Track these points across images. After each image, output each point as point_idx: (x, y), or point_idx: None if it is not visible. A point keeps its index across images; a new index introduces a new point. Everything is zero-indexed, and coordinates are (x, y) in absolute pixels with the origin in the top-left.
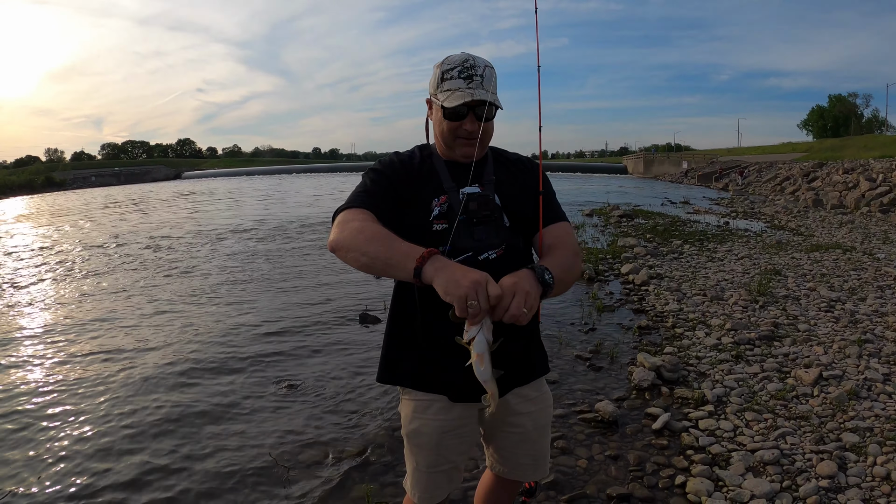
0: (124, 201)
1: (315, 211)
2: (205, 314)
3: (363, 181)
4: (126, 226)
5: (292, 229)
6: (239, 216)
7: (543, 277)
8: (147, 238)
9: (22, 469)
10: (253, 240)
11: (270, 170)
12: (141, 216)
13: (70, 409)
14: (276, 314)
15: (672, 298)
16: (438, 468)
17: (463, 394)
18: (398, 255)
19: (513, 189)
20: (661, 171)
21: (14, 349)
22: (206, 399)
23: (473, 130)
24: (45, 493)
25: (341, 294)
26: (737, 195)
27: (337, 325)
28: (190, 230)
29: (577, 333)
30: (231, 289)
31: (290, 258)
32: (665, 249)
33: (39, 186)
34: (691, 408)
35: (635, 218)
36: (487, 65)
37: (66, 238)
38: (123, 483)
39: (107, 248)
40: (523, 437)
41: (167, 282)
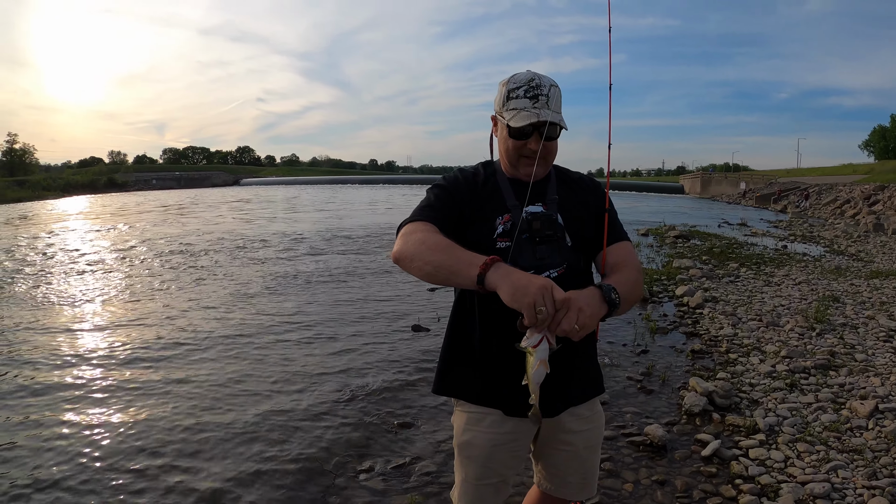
0: (184, 204)
1: (371, 222)
2: (258, 318)
3: (427, 196)
4: (184, 228)
5: (348, 239)
6: (296, 224)
7: (610, 296)
8: (204, 241)
9: (74, 469)
10: (309, 248)
11: (327, 179)
12: (199, 220)
13: (129, 410)
14: (327, 321)
15: (727, 322)
16: (487, 481)
17: (517, 408)
18: (461, 263)
19: (575, 208)
20: (719, 191)
21: (61, 346)
22: (254, 402)
23: (537, 150)
24: (97, 487)
25: (393, 304)
26: (795, 218)
27: (388, 335)
28: (247, 236)
29: (630, 355)
30: (285, 295)
31: (344, 267)
32: (721, 272)
33: (102, 187)
34: (742, 436)
35: (691, 239)
36: (553, 84)
37: (125, 237)
38: (169, 484)
39: (164, 250)
40: (573, 456)
41: (222, 285)
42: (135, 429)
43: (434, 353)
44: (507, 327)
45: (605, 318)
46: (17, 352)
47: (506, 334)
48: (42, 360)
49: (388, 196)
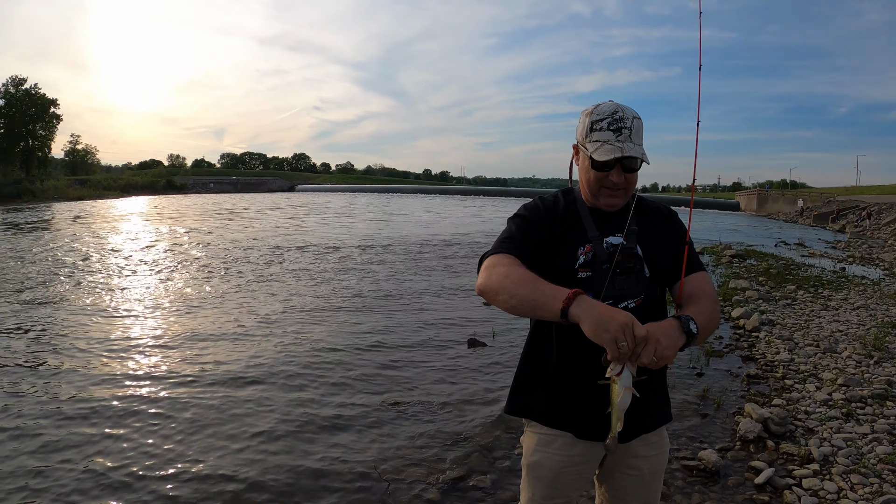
0: (240, 208)
1: (427, 232)
2: (316, 327)
3: (508, 227)
4: (240, 232)
5: (403, 249)
6: (351, 232)
7: (688, 327)
8: (260, 246)
9: (136, 466)
10: (364, 257)
11: (382, 188)
12: (255, 224)
13: (182, 412)
14: (383, 332)
15: (783, 347)
16: (552, 501)
17: (588, 432)
18: (545, 296)
19: (653, 239)
20: (775, 208)
21: (120, 348)
22: (313, 411)
23: (619, 182)
24: (162, 487)
25: (449, 317)
26: (854, 238)
27: (445, 348)
28: (302, 242)
29: (685, 377)
30: (340, 304)
31: (399, 278)
32: (778, 294)
33: (161, 188)
34: (796, 465)
35: (748, 259)
36: (635, 116)
37: (184, 238)
38: (225, 487)
39: (221, 253)
40: (638, 480)
41: (278, 292)
42: (209, 426)
43: (490, 369)
44: (584, 352)
45: (683, 348)
46: (75, 339)
47: (581, 359)
48: (97, 349)
49: (443, 206)
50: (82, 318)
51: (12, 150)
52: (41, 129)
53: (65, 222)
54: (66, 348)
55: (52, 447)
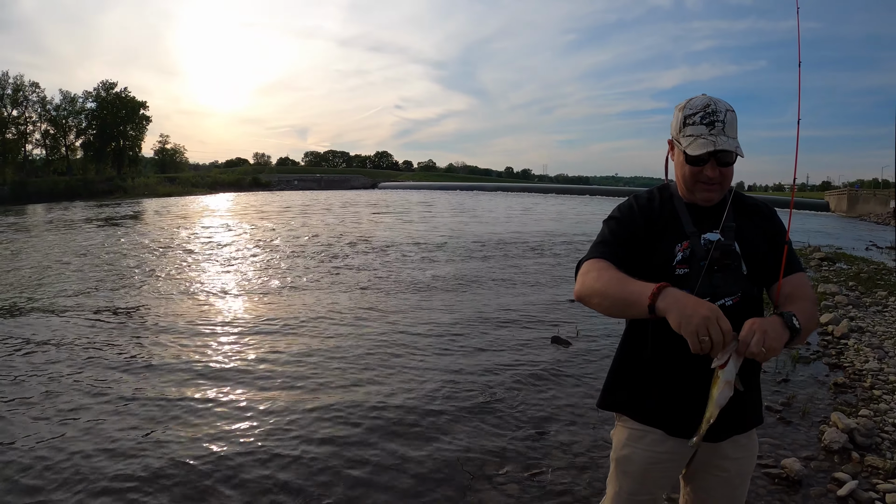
0: (324, 205)
1: (513, 229)
2: (401, 322)
3: (602, 230)
4: (325, 227)
5: (487, 247)
6: (435, 229)
7: (791, 322)
8: (344, 241)
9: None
10: (450, 253)
11: (464, 185)
12: (339, 220)
13: (265, 404)
14: (467, 327)
15: (872, 356)
16: (639, 497)
17: (679, 429)
18: (634, 294)
19: (752, 237)
20: (867, 209)
21: (196, 335)
22: (398, 402)
23: (714, 176)
24: (237, 475)
25: (533, 314)
26: None
27: (528, 345)
28: (388, 238)
29: (770, 383)
30: (426, 298)
31: (485, 275)
32: (868, 300)
33: (246, 185)
34: (881, 479)
35: (837, 262)
36: (728, 109)
37: (273, 234)
38: (309, 476)
39: (304, 247)
40: (725, 482)
41: (363, 285)
42: (284, 416)
43: (573, 367)
44: (678, 348)
45: (787, 344)
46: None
47: (676, 355)
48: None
49: (526, 204)
50: (176, 302)
51: (104, 150)
52: (131, 130)
53: (154, 216)
54: (165, 330)
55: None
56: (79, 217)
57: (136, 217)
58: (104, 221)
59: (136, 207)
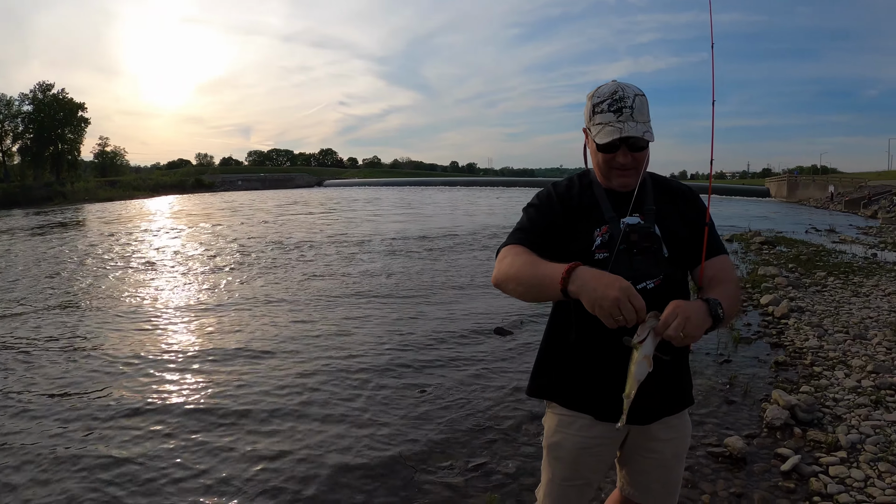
0: (267, 205)
1: (454, 224)
2: (343, 318)
3: (521, 218)
4: (268, 227)
5: (431, 242)
6: (380, 226)
7: (716, 311)
8: (287, 240)
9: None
10: (391, 249)
11: (409, 181)
12: (283, 219)
13: (212, 402)
14: (412, 322)
15: (812, 334)
16: (572, 482)
17: (607, 413)
18: (546, 277)
19: (673, 220)
20: (806, 195)
21: (152, 336)
22: (339, 400)
23: (627, 162)
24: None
25: (477, 307)
26: (886, 224)
27: (472, 337)
28: (332, 236)
29: (712, 364)
30: (370, 296)
31: (427, 270)
32: (808, 281)
33: (189, 187)
34: (823, 452)
35: (777, 245)
36: (638, 93)
37: (212, 236)
38: (248, 473)
39: (249, 249)
40: (659, 464)
41: (308, 285)
42: (235, 412)
43: (516, 357)
44: (602, 333)
45: (708, 331)
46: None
47: (601, 340)
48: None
49: (470, 198)
50: (117, 304)
51: (42, 155)
52: (70, 133)
53: (94, 223)
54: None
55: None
56: (17, 225)
57: (72, 225)
58: (41, 228)
59: (75, 214)
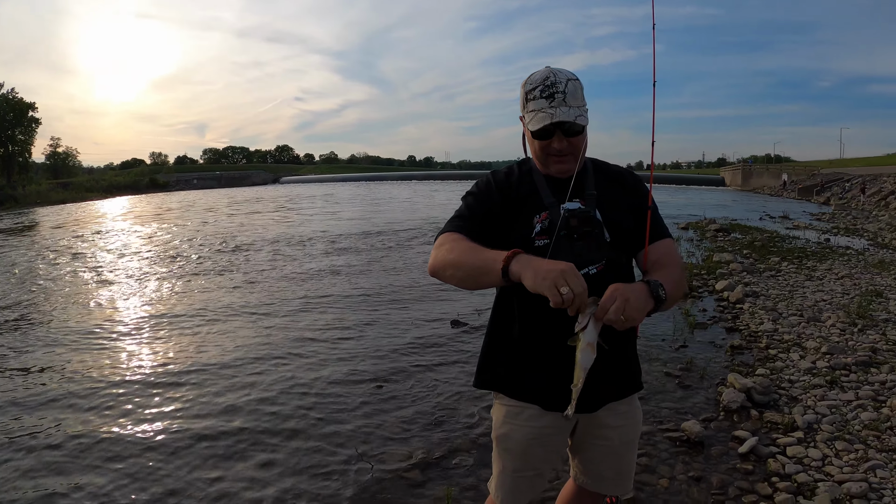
0: (224, 203)
1: (411, 217)
2: (300, 314)
3: (460, 205)
4: (224, 226)
5: (390, 235)
6: (338, 221)
7: (657, 293)
8: (244, 239)
9: (116, 462)
10: (349, 245)
11: (366, 176)
12: (239, 218)
13: (165, 398)
14: (369, 317)
15: (767, 318)
16: (523, 473)
17: (555, 403)
18: (487, 262)
19: (614, 204)
20: (760, 183)
21: (104, 340)
22: (295, 394)
23: (563, 148)
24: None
25: (433, 300)
26: (839, 210)
27: (428, 330)
28: (287, 234)
29: (668, 350)
30: (325, 292)
31: (384, 264)
32: (762, 266)
33: (144, 187)
34: (780, 433)
35: (732, 232)
36: (570, 78)
37: (166, 236)
38: (206, 474)
39: (203, 252)
40: (610, 451)
41: (260, 283)
42: (192, 410)
43: (473, 348)
44: (546, 322)
45: (650, 313)
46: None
47: (544, 329)
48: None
49: (428, 191)
50: (67, 315)
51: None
52: (20, 134)
53: (46, 227)
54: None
55: None
56: None
57: (23, 230)
58: None
59: (27, 218)
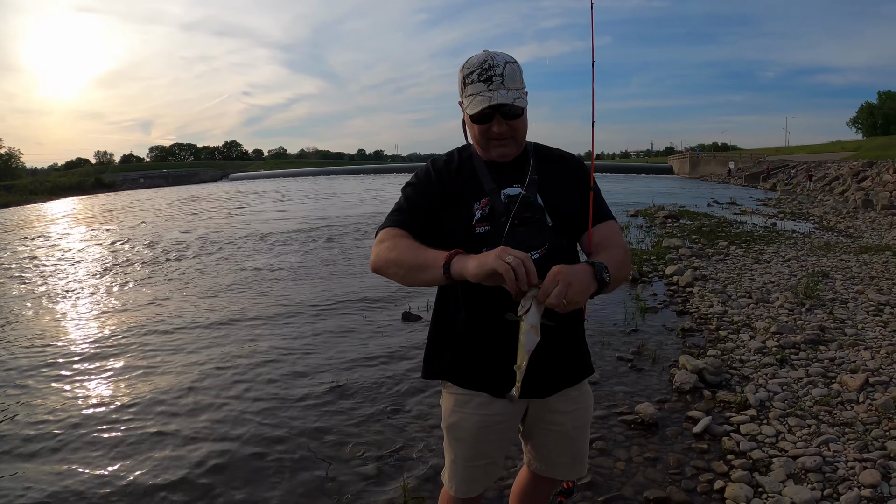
0: (171, 202)
1: (360, 212)
2: (249, 312)
3: (400, 198)
4: (172, 226)
5: (339, 230)
6: (287, 217)
7: (601, 275)
8: (191, 239)
9: (69, 459)
10: (297, 241)
11: (316, 171)
12: (186, 217)
13: (117, 401)
14: (316, 312)
15: (717, 300)
16: (476, 462)
17: (504, 390)
18: (428, 261)
19: (555, 187)
20: (708, 171)
21: (58, 344)
22: (246, 393)
23: (502, 132)
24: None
25: (383, 294)
26: (785, 196)
27: (379, 323)
28: (238, 230)
29: (620, 334)
30: (273, 287)
31: (333, 259)
32: (710, 251)
33: (89, 188)
34: (733, 412)
35: (681, 219)
36: (508, 61)
37: (113, 238)
38: (161, 478)
39: (149, 249)
40: (562, 436)
41: (209, 281)
42: (145, 410)
43: (423, 340)
44: (490, 310)
45: (594, 295)
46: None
47: (489, 317)
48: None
49: (378, 185)
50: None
51: None
52: None
53: None
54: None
55: None
56: None
57: None
58: None
59: None
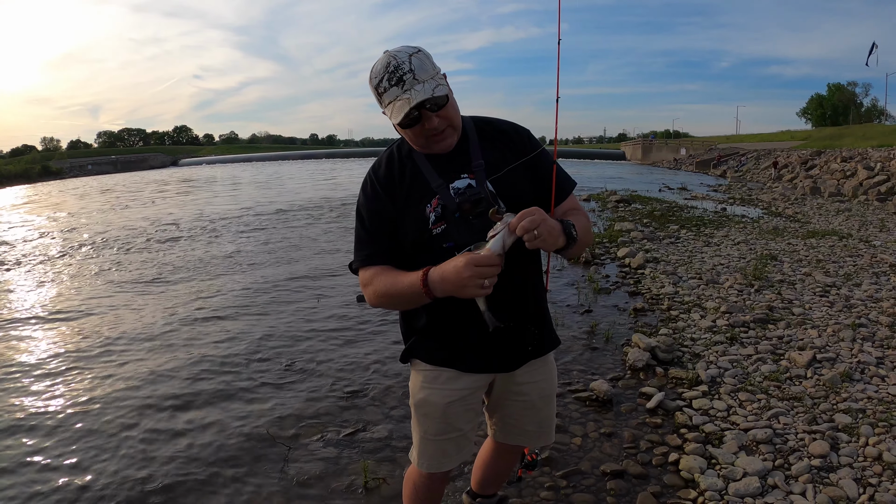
0: (119, 189)
1: (315, 196)
2: (201, 296)
3: (356, 228)
4: (121, 214)
5: (291, 215)
6: (238, 202)
7: (570, 231)
8: (142, 226)
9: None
10: (250, 226)
11: (268, 156)
12: (136, 204)
13: (69, 387)
14: (271, 296)
15: (668, 282)
16: (447, 436)
17: (471, 365)
18: (409, 290)
19: (503, 168)
20: (660, 157)
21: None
22: (204, 377)
23: (436, 125)
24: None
25: (339, 276)
26: (734, 182)
27: (333, 306)
28: (190, 216)
29: (574, 315)
30: (229, 272)
31: (287, 243)
32: (662, 234)
33: (36, 176)
34: (685, 388)
35: (633, 203)
36: (412, 53)
37: (62, 228)
38: (119, 463)
39: (99, 238)
40: (528, 406)
41: (162, 268)
42: (73, 401)
43: (378, 322)
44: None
45: (560, 252)
46: None
47: (452, 302)
48: None
49: (330, 170)
50: None
51: None
52: None
53: None
54: None
55: None
56: None
57: None
58: None
59: None
